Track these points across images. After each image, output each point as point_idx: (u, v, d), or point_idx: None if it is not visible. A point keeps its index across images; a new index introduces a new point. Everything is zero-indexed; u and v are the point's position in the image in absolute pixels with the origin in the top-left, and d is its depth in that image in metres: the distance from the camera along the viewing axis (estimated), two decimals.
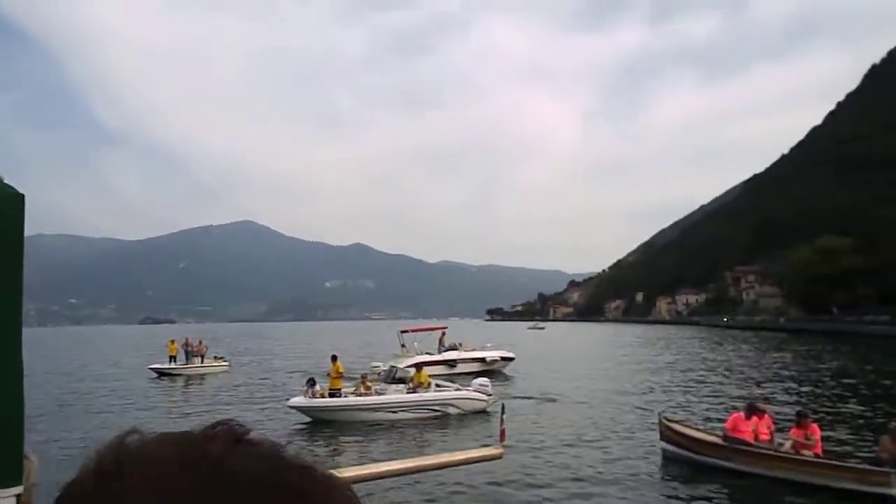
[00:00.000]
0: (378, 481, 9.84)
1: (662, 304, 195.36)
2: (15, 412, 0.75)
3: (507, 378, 31.11)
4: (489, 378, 22.67)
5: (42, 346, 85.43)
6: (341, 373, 20.30)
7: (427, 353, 32.05)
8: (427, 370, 28.97)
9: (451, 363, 31.77)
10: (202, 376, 33.54)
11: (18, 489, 0.74)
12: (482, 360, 33.45)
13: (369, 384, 20.08)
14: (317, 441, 16.76)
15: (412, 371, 20.80)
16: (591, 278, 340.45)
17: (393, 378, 20.75)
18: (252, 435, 0.48)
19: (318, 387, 19.45)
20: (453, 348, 33.72)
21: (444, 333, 35.08)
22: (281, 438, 13.58)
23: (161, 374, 33.84)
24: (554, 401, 22.89)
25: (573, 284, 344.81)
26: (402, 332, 34.13)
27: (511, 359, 34.39)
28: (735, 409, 15.39)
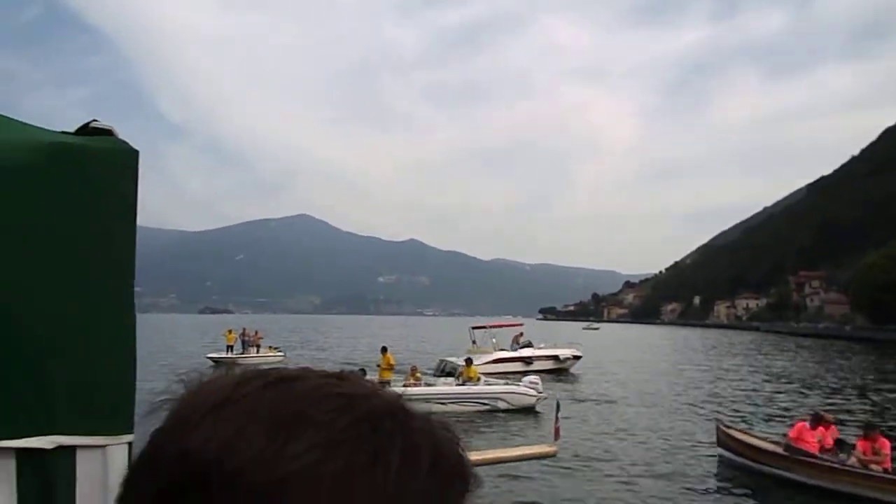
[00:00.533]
0: None
1: (721, 308, 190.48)
2: (128, 363, 0.81)
3: (574, 377, 30.91)
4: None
5: None
6: (392, 364, 20.44)
7: (502, 350, 32.15)
8: (504, 367, 29.57)
9: (527, 360, 31.87)
10: (258, 366, 33.78)
11: (130, 437, 0.79)
12: (556, 357, 33.54)
13: (419, 376, 20.19)
14: None
15: (462, 365, 20.82)
16: (646, 280, 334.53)
17: (442, 371, 20.80)
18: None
19: (368, 377, 19.64)
20: (528, 346, 33.71)
21: (521, 333, 35.03)
22: None
23: (218, 362, 34.65)
24: (612, 402, 22.62)
25: (628, 285, 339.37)
26: (474, 328, 34.19)
27: (579, 357, 34.28)
28: (798, 418, 14.83)
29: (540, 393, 20.26)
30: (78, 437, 0.74)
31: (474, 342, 33.26)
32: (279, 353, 37.47)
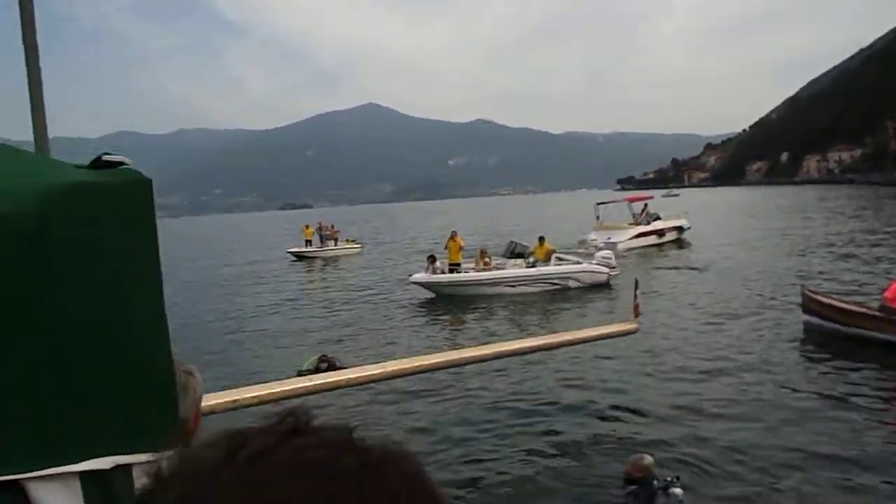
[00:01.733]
0: (509, 359, 9.67)
1: (811, 163, 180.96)
2: (169, 383, 0.86)
3: (680, 247, 30.92)
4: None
5: (197, 235, 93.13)
6: (461, 247, 20.26)
7: (634, 225, 32.31)
8: (641, 241, 30.33)
9: (660, 232, 32.03)
10: (336, 258, 34.97)
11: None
12: (680, 228, 33.65)
13: (488, 259, 19.98)
14: (438, 318, 17.03)
15: (533, 244, 20.41)
16: (729, 140, 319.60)
17: (512, 253, 20.51)
18: (318, 422, 0.47)
19: (438, 263, 19.72)
20: (657, 218, 33.47)
21: (646, 204, 34.62)
22: (404, 312, 13.77)
23: (299, 257, 35.63)
24: (695, 269, 22.00)
25: (709, 147, 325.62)
26: (599, 203, 33.96)
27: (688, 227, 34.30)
28: (894, 277, 13.80)
29: (613, 269, 19.73)
30: (132, 455, 0.79)
31: (598, 217, 33.25)
32: (356, 245, 38.14)
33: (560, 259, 20.34)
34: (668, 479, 6.40)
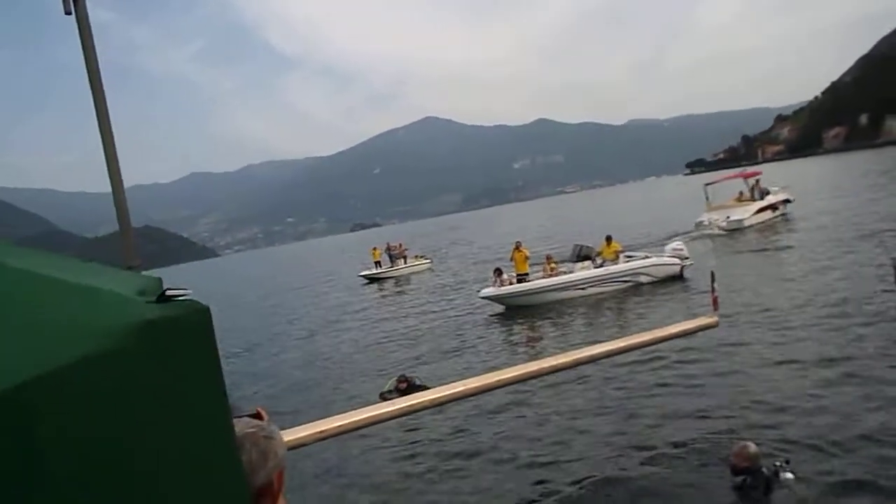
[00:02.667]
0: (587, 365, 9.54)
1: (894, 124, 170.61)
2: None
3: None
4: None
5: (273, 265, 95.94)
6: (527, 257, 20.14)
7: (749, 202, 32.23)
8: (762, 216, 30.62)
9: (773, 206, 32.16)
10: (408, 276, 35.07)
11: None
12: (787, 200, 33.55)
13: (554, 265, 19.76)
14: (513, 332, 16.82)
15: (599, 245, 20.06)
16: (801, 109, 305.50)
17: (578, 256, 20.23)
18: None
19: (505, 275, 19.59)
20: (767, 193, 33.30)
21: (758, 180, 34.40)
22: (477, 327, 13.73)
23: (371, 279, 36.09)
24: (780, 249, 21.15)
25: (781, 119, 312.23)
26: (708, 184, 33.72)
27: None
28: None
29: (685, 259, 19.16)
30: None
31: (707, 199, 32.78)
32: (426, 261, 38.25)
33: (629, 257, 19.92)
34: (777, 464, 6.08)
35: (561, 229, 50.84)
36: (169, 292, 0.88)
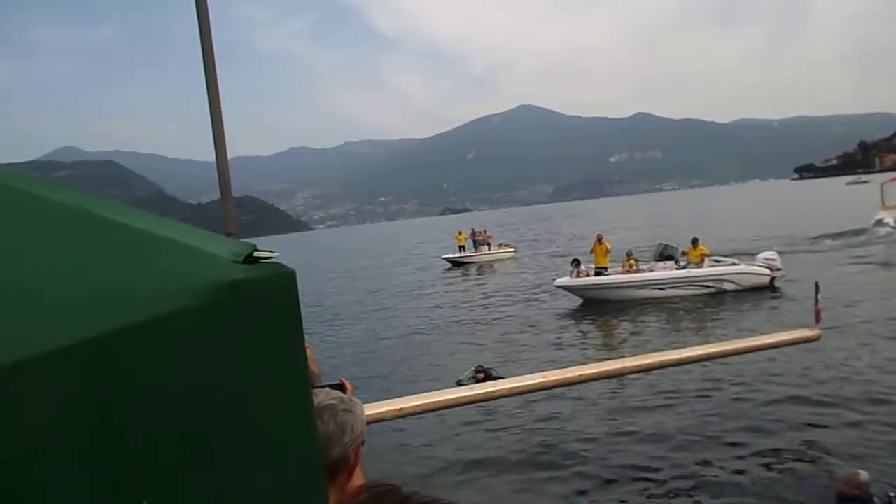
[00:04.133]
0: (665, 370, 9.22)
1: None
2: (318, 471, 0.95)
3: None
4: None
5: (364, 243, 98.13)
6: (608, 250, 19.72)
7: None
8: None
9: None
10: (491, 263, 34.84)
11: None
12: None
13: (633, 261, 19.22)
14: (586, 324, 16.47)
15: (686, 247, 19.32)
16: None
17: (661, 255, 19.58)
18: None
19: (583, 267, 19.39)
20: None
21: None
22: (554, 319, 13.53)
23: (454, 263, 36.26)
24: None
25: None
26: (884, 183, 33.19)
27: None
28: None
29: (777, 270, 18.13)
30: None
31: (883, 202, 31.51)
32: (510, 250, 37.94)
33: (717, 261, 19.08)
34: (891, 494, 5.74)
35: (652, 228, 49.35)
36: (257, 254, 0.90)
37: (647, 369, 8.59)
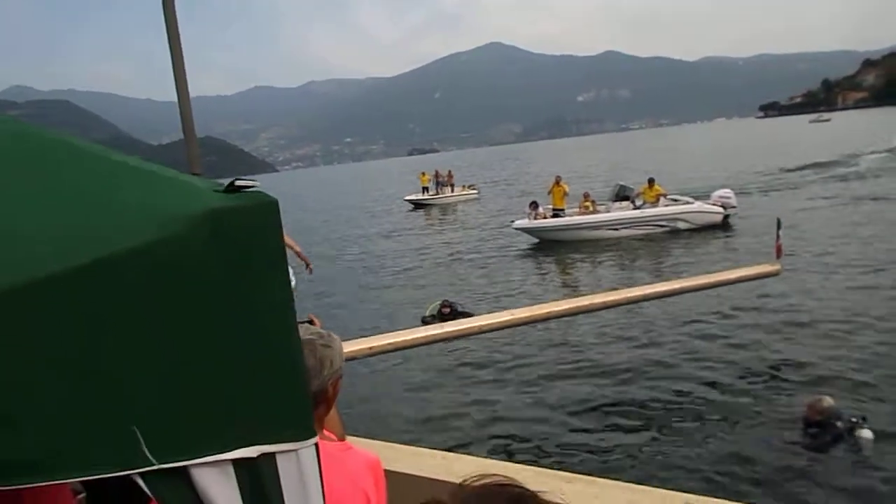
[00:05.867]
0: (632, 305, 9.38)
1: None
2: (302, 383, 0.99)
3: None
4: None
5: (329, 184, 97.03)
6: (566, 193, 19.90)
7: None
8: None
9: None
10: (454, 205, 34.66)
11: (315, 439, 0.99)
12: None
13: (589, 203, 19.41)
14: (543, 264, 16.68)
15: (642, 187, 19.52)
16: (892, 55, 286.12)
17: (617, 196, 19.84)
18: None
19: (540, 209, 19.61)
20: None
21: None
22: (511, 258, 13.61)
23: (416, 204, 36.01)
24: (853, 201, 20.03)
25: (868, 65, 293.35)
26: None
27: None
28: None
29: (731, 208, 18.45)
30: (276, 445, 0.94)
31: None
32: (473, 191, 37.70)
33: (675, 200, 19.35)
34: (854, 419, 5.81)
35: (615, 170, 49.50)
36: (238, 183, 0.93)
37: (614, 305, 8.77)
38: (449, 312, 10.58)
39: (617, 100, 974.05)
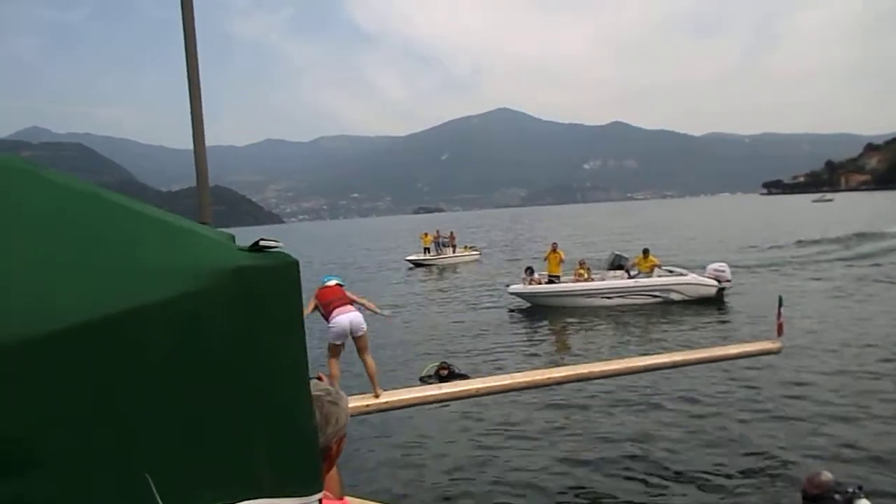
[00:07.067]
0: (629, 376, 9.33)
1: None
2: (312, 440, 1.01)
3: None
4: None
5: (334, 238, 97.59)
6: (562, 259, 20.10)
7: None
8: None
9: None
10: (454, 266, 34.81)
11: (320, 495, 1.00)
12: None
13: (583, 270, 19.55)
14: (537, 330, 16.62)
15: (637, 257, 19.65)
16: (894, 140, 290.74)
17: (612, 265, 20.00)
18: None
19: (536, 274, 19.91)
20: None
21: None
22: (507, 323, 13.58)
23: (416, 264, 36.11)
24: (844, 296, 20.02)
25: (871, 148, 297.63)
26: None
27: None
28: None
29: (726, 282, 18.47)
30: (279, 499, 0.94)
31: None
32: (474, 253, 37.93)
33: (670, 272, 19.41)
34: (850, 490, 5.80)
35: (615, 238, 49.74)
36: (262, 243, 0.96)
37: (614, 374, 8.73)
38: (447, 374, 10.55)
39: (623, 169, 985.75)
